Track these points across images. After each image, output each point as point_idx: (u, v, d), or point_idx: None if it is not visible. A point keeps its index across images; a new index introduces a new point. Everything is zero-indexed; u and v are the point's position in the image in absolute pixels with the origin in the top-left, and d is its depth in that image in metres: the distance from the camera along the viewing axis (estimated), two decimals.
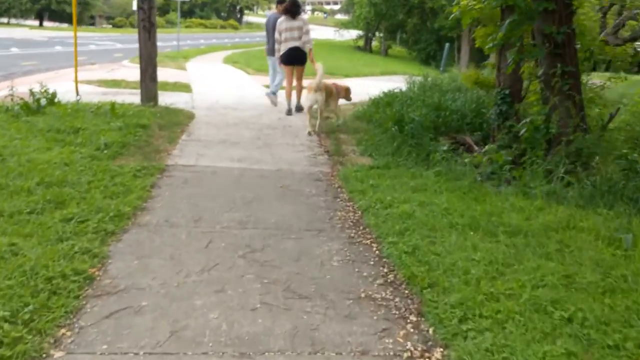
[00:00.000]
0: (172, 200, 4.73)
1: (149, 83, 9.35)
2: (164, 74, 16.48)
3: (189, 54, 25.27)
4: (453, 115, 9.02)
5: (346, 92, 9.40)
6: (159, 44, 10.41)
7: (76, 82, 8.60)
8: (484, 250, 3.68)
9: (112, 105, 8.10)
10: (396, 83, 18.05)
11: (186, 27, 66.65)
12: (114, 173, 5.21)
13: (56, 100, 8.40)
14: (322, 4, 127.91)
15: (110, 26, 62.21)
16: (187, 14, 73.27)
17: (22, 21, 57.89)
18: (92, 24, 61.79)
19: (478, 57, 39.87)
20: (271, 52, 10.20)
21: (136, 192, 4.74)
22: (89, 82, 12.83)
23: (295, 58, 9.33)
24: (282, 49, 9.32)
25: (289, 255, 3.71)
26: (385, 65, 29.64)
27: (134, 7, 13.66)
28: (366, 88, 15.44)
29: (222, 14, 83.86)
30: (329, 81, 9.41)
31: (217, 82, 14.77)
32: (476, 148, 8.51)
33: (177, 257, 3.55)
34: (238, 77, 16.77)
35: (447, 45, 30.98)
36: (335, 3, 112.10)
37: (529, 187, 5.30)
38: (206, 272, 3.36)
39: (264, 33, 11.50)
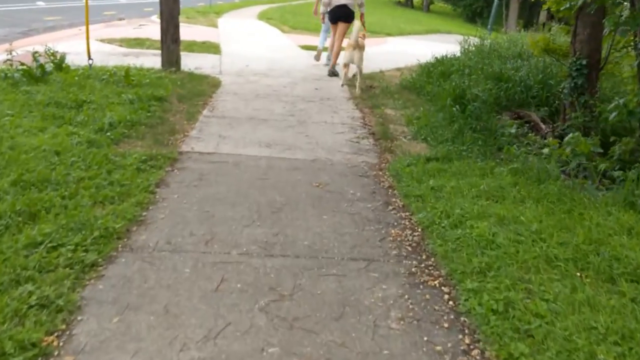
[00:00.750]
0: (180, 207, 3.73)
1: (170, 45, 8.29)
2: (192, 31, 15.41)
3: (222, 9, 24.06)
4: (516, 88, 7.78)
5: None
6: None
7: (87, 43, 7.60)
8: (606, 312, 2.58)
9: (127, 71, 7.09)
10: (442, 43, 16.55)
11: None
12: (113, 165, 4.22)
13: (65, 64, 7.42)
14: None
15: None
16: None
17: None
18: None
19: (527, 15, 37.49)
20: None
21: (136, 194, 3.75)
22: (111, 41, 11.84)
23: (342, 15, 8.79)
24: (331, 4, 8.87)
25: (329, 307, 2.67)
26: (428, 22, 27.89)
27: None
28: (410, 48, 14.08)
29: None
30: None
31: (248, 41, 13.60)
32: (543, 126, 7.30)
33: (173, 311, 2.56)
34: (272, 36, 15.54)
35: (495, 1, 28.86)
36: None
37: (633, 195, 4.12)
38: (211, 341, 2.36)
39: None
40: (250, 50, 11.95)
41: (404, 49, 14.19)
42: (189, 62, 9.62)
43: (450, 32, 23.36)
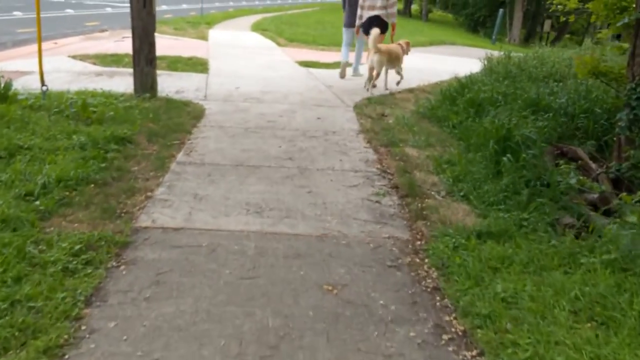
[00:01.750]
0: (114, 352, 2.34)
1: (144, 67, 6.92)
2: (179, 45, 14.06)
3: (214, 19, 22.72)
4: (559, 118, 6.48)
5: (407, 46, 9.06)
6: (183, 6, 8.08)
7: (40, 67, 6.25)
8: None
9: (84, 103, 5.71)
10: (451, 57, 15.18)
11: None
12: (28, 266, 2.84)
13: (13, 91, 6.04)
14: None
15: None
16: None
17: None
18: None
19: (530, 25, 36.34)
20: (348, 23, 9.69)
21: (49, 330, 2.36)
22: (84, 58, 10.47)
23: (375, 26, 8.44)
24: (363, 16, 8.91)
25: None
26: (430, 33, 26.60)
27: None
28: (418, 63, 12.71)
29: None
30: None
31: (240, 56, 12.25)
32: (593, 166, 5.97)
33: None
34: (267, 50, 14.20)
35: (500, 11, 27.69)
36: None
37: None
38: None
39: None
40: (242, 67, 10.60)
41: (412, 65, 12.84)
42: (170, 84, 8.27)
43: (454, 43, 22.11)
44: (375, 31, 8.16)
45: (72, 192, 3.87)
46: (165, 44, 13.87)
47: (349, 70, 10.05)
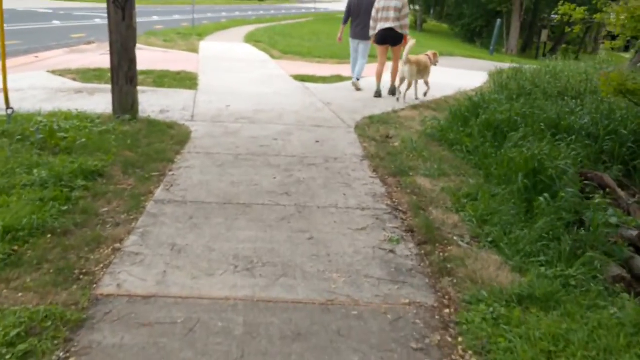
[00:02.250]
0: None
1: (124, 86, 6.24)
2: (168, 58, 13.39)
3: (205, 30, 22.09)
4: (583, 140, 5.87)
5: (435, 57, 9.26)
6: (175, 17, 7.50)
7: (5, 86, 5.55)
8: None
9: (51, 130, 5.02)
10: (452, 69, 14.51)
11: None
12: None
13: None
14: None
15: None
16: None
17: None
18: None
19: (526, 35, 35.91)
20: (356, 34, 9.59)
21: None
22: (65, 73, 9.79)
23: (389, 38, 8.88)
24: (377, 28, 8.90)
25: None
26: (426, 43, 25.99)
27: None
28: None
29: None
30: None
31: (232, 70, 11.59)
32: (622, 194, 5.35)
33: None
34: (260, 63, 13.56)
35: (498, 21, 27.19)
36: None
37: None
38: None
39: (289, 5, 10.39)
40: (233, 82, 9.94)
41: None
42: (155, 102, 7.61)
43: (452, 54, 21.52)
44: (411, 42, 8.59)
45: (22, 246, 3.18)
46: (153, 57, 13.21)
47: (357, 77, 9.81)
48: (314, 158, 5.54)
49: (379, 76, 9.18)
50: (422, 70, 8.71)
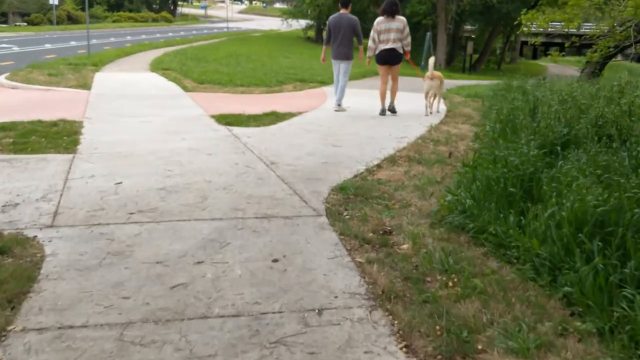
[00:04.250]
0: None
1: None
2: (47, 100, 10.23)
3: (104, 57, 18.82)
4: None
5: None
6: (71, 43, 5.03)
7: None
8: None
9: None
10: (403, 92, 11.46)
11: (114, 21, 58.99)
12: None
13: None
14: None
15: (25, 24, 53.16)
16: (115, 7, 65.36)
17: None
18: (5, 22, 52.65)
19: (450, 47, 34.74)
20: (337, 55, 9.45)
21: None
22: None
23: (390, 58, 9.01)
24: (377, 49, 9.01)
25: None
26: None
27: None
28: (370, 107, 9.44)
29: (154, 5, 75.65)
30: None
31: (132, 114, 8.69)
32: None
33: None
34: (170, 99, 10.70)
35: (428, 34, 25.53)
36: None
37: None
38: None
39: (200, 25, 8.91)
40: (132, 134, 7.12)
41: (363, 109, 9.82)
42: (0, 185, 4.71)
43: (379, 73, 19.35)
44: (432, 59, 9.51)
45: None
46: (27, 100, 10.06)
47: (337, 103, 9.60)
48: (278, 317, 2.87)
49: (383, 96, 9.27)
50: (441, 85, 9.51)
